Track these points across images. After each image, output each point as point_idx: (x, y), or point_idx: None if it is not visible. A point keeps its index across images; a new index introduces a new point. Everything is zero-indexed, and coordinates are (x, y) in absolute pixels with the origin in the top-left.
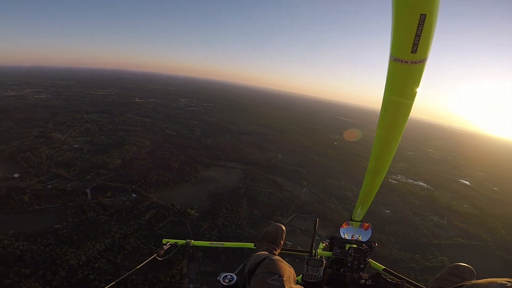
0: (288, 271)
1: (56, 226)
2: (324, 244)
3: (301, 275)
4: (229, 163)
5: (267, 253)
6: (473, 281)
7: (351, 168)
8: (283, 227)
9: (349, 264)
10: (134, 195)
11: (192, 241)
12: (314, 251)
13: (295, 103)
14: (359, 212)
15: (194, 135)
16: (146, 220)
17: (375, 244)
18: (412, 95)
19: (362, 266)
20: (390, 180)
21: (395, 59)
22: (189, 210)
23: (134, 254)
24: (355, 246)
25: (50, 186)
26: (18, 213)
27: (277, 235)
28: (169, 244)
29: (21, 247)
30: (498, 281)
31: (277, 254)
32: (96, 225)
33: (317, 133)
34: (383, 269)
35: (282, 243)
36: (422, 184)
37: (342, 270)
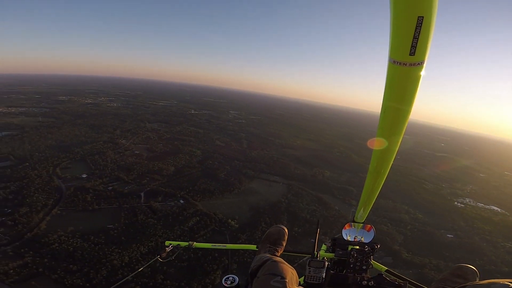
0: (290, 272)
1: (109, 226)
2: (326, 246)
3: (303, 276)
4: (272, 176)
5: (269, 255)
6: (475, 282)
7: (408, 189)
8: (285, 229)
9: (352, 266)
10: (181, 201)
11: (195, 243)
12: (316, 253)
13: (347, 117)
14: (361, 214)
15: (241, 147)
16: (189, 227)
17: (377, 246)
18: (412, 97)
19: (364, 267)
20: (455, 203)
21: (394, 61)
22: (229, 220)
23: (172, 260)
24: (357, 247)
25: (110, 188)
26: (79, 211)
27: (279, 237)
28: (171, 246)
29: (74, 244)
30: (501, 282)
31: (279, 255)
32: (144, 227)
33: (371, 150)
34: (386, 270)
35: (284, 244)
36: (495, 208)
37: (344, 271)
